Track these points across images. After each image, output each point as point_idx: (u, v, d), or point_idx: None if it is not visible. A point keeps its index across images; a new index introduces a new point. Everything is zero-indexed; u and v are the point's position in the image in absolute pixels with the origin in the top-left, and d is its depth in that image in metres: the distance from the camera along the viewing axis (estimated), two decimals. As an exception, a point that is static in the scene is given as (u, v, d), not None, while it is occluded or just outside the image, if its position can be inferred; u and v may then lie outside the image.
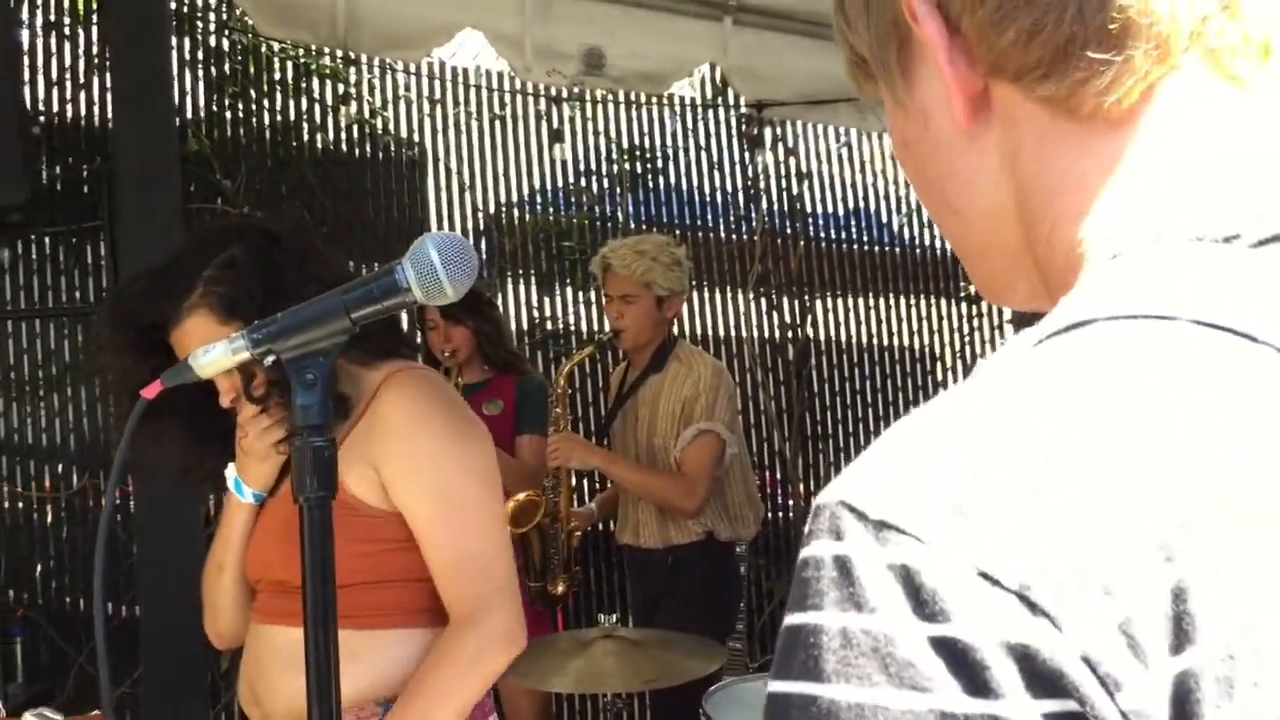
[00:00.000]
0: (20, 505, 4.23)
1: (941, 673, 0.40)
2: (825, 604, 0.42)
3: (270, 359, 1.11)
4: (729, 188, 5.19)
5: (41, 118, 4.28)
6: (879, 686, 0.40)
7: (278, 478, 1.75)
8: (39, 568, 4.23)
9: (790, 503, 5.06)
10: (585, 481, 4.57)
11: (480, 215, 4.89)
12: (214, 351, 1.12)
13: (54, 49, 4.38)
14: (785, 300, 5.14)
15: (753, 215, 5.17)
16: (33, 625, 3.82)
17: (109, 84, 4.03)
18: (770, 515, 4.91)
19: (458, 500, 1.63)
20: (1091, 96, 0.52)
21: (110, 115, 3.96)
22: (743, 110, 5.06)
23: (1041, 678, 0.39)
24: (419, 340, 3.59)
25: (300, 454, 1.09)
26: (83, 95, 4.37)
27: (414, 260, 1.11)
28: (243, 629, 1.76)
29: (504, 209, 4.93)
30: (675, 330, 3.55)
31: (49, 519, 4.29)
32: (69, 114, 4.36)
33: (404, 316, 4.80)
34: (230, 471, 1.73)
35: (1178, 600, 0.40)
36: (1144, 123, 0.53)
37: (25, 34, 4.30)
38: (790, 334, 5.14)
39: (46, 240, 4.27)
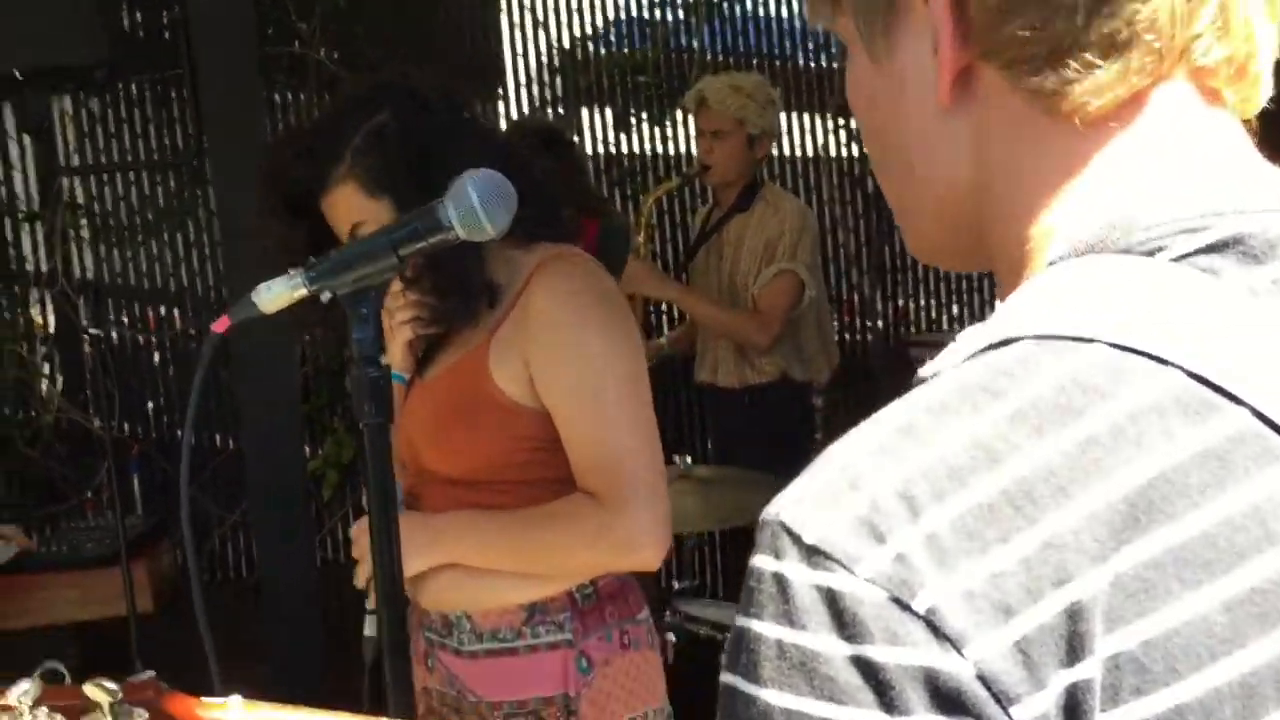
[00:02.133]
0: (128, 346, 4.45)
1: (857, 689, 0.45)
2: (765, 615, 0.48)
3: (326, 295, 1.17)
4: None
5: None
6: (805, 697, 0.46)
7: (421, 366, 1.71)
8: (150, 404, 4.48)
9: (869, 339, 5.09)
10: (664, 319, 4.65)
11: (555, 50, 4.84)
12: (275, 288, 1.18)
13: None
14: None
15: (832, 42, 5.03)
16: (147, 460, 4.07)
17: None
18: (849, 350, 4.95)
19: (603, 396, 1.55)
20: (1077, 97, 0.54)
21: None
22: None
23: (943, 697, 0.45)
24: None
25: (357, 383, 1.15)
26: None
27: (454, 200, 1.15)
28: None
29: (578, 43, 4.87)
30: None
31: (155, 358, 4.52)
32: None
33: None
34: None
35: (1072, 619, 0.45)
36: (1116, 130, 0.55)
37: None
38: (870, 163, 5.07)
39: (133, 88, 4.36)
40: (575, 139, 4.68)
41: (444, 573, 1.59)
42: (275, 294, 1.18)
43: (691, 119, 3.47)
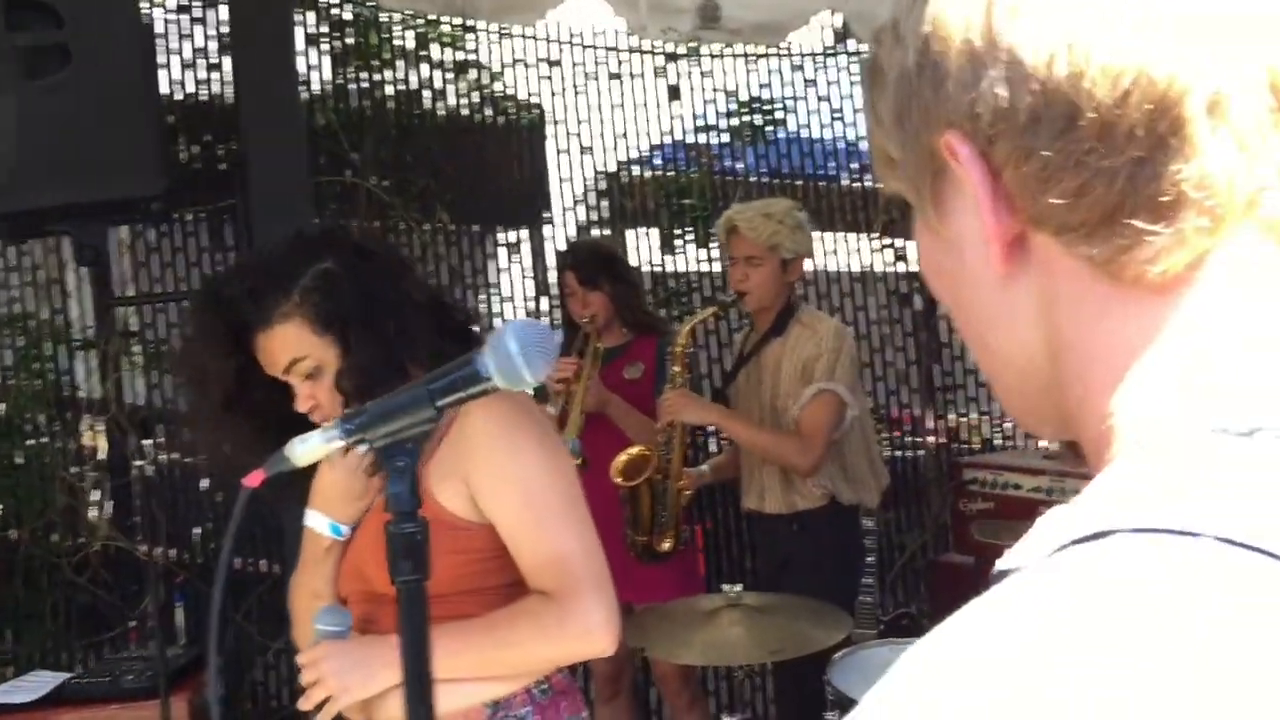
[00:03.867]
0: (177, 472, 4.47)
1: None
2: None
3: (364, 448, 1.16)
4: (851, 136, 5.09)
5: (177, 99, 4.45)
6: None
7: None
8: (197, 531, 4.47)
9: (920, 454, 5.00)
10: (709, 443, 4.60)
11: (600, 175, 4.91)
12: (310, 441, 1.17)
13: (187, 31, 4.53)
14: (912, 248, 5.05)
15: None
16: (192, 588, 4.04)
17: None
18: (901, 470, 4.86)
19: (545, 506, 1.68)
20: (1135, 264, 0.51)
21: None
22: (864, 56, 4.94)
23: None
24: (559, 305, 3.66)
25: (393, 540, 1.13)
26: (216, 75, 4.52)
27: (494, 350, 1.15)
28: None
29: (624, 168, 4.94)
30: (799, 289, 3.53)
31: (202, 484, 4.52)
32: (203, 95, 4.52)
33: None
34: (316, 519, 1.75)
35: None
36: (1187, 293, 0.51)
37: (160, 16, 4.47)
38: (917, 283, 5.04)
39: (189, 219, 4.46)
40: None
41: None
42: (310, 447, 1.17)
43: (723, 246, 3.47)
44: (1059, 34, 0.50)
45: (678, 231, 4.91)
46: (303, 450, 1.18)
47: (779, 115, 5.00)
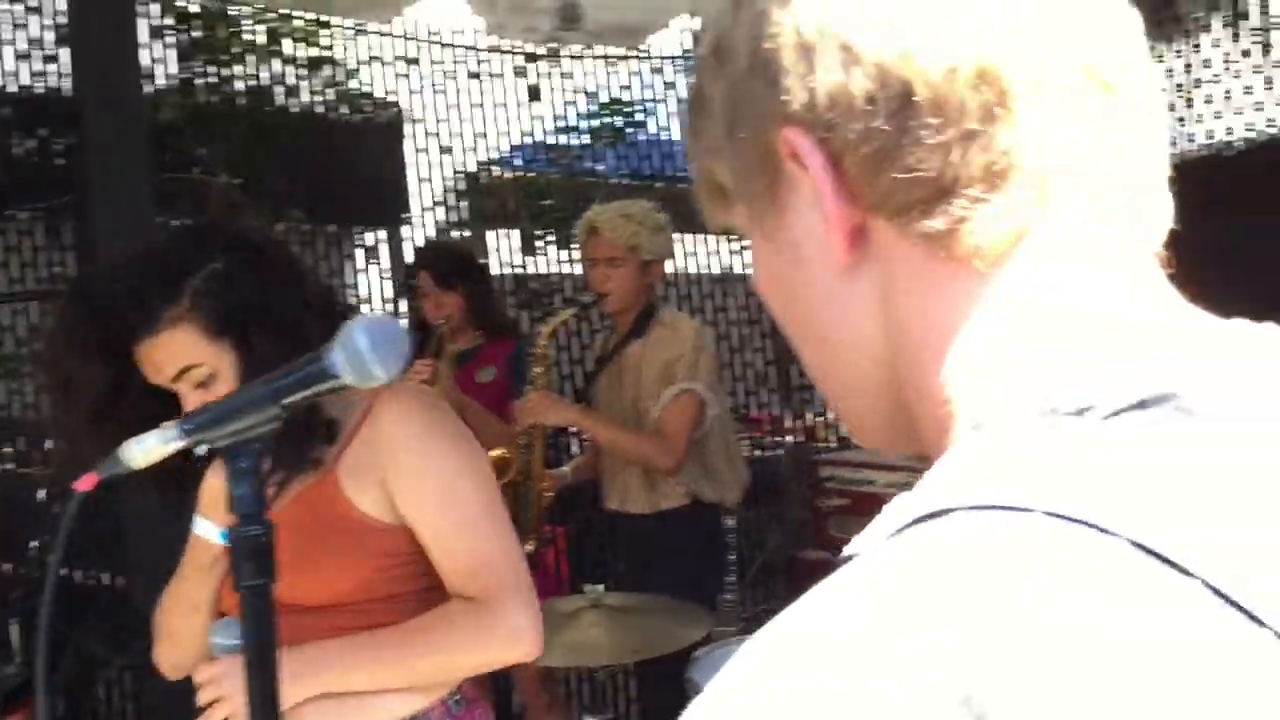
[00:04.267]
0: (12, 482, 4.25)
1: None
2: None
3: (204, 448, 1.11)
4: (710, 139, 5.16)
5: (11, 91, 4.25)
6: None
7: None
8: (34, 543, 4.25)
9: (779, 453, 5.08)
10: (569, 444, 4.59)
11: (460, 175, 4.86)
12: (146, 441, 1.11)
13: (21, 20, 4.32)
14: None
15: (735, 166, 5.14)
16: (28, 605, 3.85)
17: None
18: (760, 469, 4.93)
19: (466, 507, 1.62)
20: (969, 236, 0.52)
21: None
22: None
23: None
24: (409, 308, 3.60)
25: (237, 544, 1.09)
26: (53, 67, 4.32)
27: (344, 347, 1.11)
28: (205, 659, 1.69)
29: (484, 168, 4.90)
30: (660, 291, 3.54)
31: (39, 495, 4.31)
32: (39, 88, 4.32)
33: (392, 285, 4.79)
34: (205, 525, 1.59)
35: None
36: (1015, 269, 0.53)
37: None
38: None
39: (23, 217, 4.25)
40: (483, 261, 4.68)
41: (319, 702, 1.59)
42: (147, 448, 1.11)
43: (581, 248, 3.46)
44: (889, 19, 0.52)
45: (538, 233, 4.90)
46: (139, 451, 1.11)
47: (639, 117, 5.04)
